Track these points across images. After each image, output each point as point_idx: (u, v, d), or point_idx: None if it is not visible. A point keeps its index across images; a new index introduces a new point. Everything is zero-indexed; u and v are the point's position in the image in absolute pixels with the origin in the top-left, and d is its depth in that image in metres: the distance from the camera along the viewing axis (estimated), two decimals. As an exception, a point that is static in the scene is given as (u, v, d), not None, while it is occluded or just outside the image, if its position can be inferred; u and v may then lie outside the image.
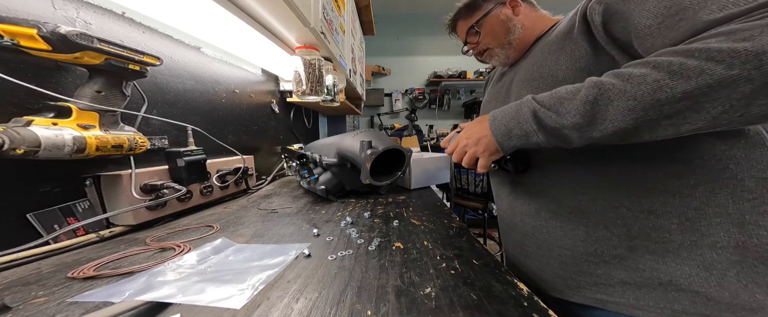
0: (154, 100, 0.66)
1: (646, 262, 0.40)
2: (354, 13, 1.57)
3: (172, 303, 0.32)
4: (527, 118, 0.40)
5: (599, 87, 0.35)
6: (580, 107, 0.36)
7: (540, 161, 0.51)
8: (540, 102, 0.40)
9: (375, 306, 0.31)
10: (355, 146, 0.79)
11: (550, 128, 0.39)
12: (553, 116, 0.38)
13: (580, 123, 0.36)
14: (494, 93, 0.66)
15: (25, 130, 0.39)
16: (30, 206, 0.46)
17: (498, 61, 0.63)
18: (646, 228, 0.40)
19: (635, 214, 0.41)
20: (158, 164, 0.65)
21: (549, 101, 0.39)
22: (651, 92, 0.31)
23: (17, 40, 0.38)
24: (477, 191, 2.14)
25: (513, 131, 0.42)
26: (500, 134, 0.44)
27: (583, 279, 0.46)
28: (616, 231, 0.42)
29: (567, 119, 0.37)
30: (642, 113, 0.32)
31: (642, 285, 0.41)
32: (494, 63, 0.64)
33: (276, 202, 0.81)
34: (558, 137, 0.39)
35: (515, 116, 0.42)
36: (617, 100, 0.33)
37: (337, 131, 2.17)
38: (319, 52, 0.91)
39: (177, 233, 0.55)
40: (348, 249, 0.46)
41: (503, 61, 0.63)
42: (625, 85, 0.33)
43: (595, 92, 0.35)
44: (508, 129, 0.43)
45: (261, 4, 0.65)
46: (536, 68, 0.51)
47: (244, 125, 1.04)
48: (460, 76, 3.33)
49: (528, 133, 0.41)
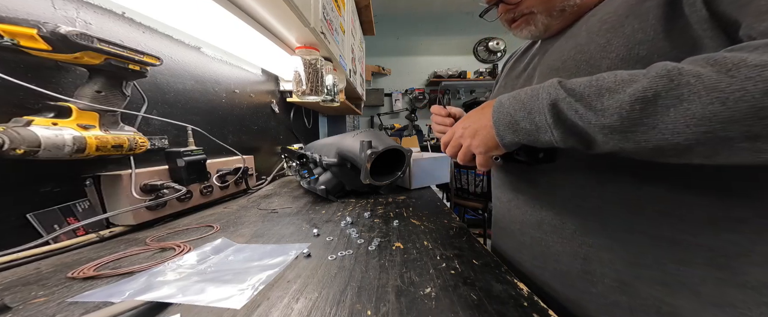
0: (154, 100, 0.66)
1: (652, 292, 0.35)
2: (354, 13, 1.57)
3: (172, 303, 0.32)
4: (542, 108, 0.31)
5: (672, 78, 0.24)
6: (626, 104, 0.26)
7: (547, 167, 0.42)
8: (569, 90, 0.30)
9: (375, 306, 0.31)
10: (355, 146, 0.79)
11: (571, 126, 0.30)
12: (581, 110, 0.29)
13: (615, 126, 0.27)
14: (511, 79, 0.54)
15: (25, 130, 0.39)
16: (30, 206, 0.46)
17: (529, 33, 0.49)
18: (663, 258, 0.34)
19: (653, 242, 0.34)
20: (158, 164, 0.65)
21: (583, 90, 0.29)
22: (762, 94, 0.21)
23: (17, 40, 0.38)
24: (477, 191, 2.14)
25: (520, 123, 0.34)
26: (503, 126, 0.35)
27: (575, 293, 0.41)
28: (622, 255, 0.36)
29: (600, 118, 0.28)
30: (723, 125, 0.22)
31: (638, 311, 0.36)
32: (523, 35, 0.50)
33: (276, 202, 0.81)
34: (579, 138, 0.31)
35: (528, 103, 0.33)
36: (692, 101, 0.23)
37: (337, 131, 2.17)
38: (319, 52, 0.91)
39: (177, 233, 0.55)
40: (348, 249, 0.46)
41: (537, 34, 0.48)
42: (723, 78, 0.22)
43: (662, 85, 0.25)
44: (513, 120, 0.34)
45: (261, 4, 0.65)
46: (574, 53, 0.39)
47: (244, 125, 1.04)
48: (460, 77, 3.33)
49: (539, 127, 0.32)
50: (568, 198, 0.41)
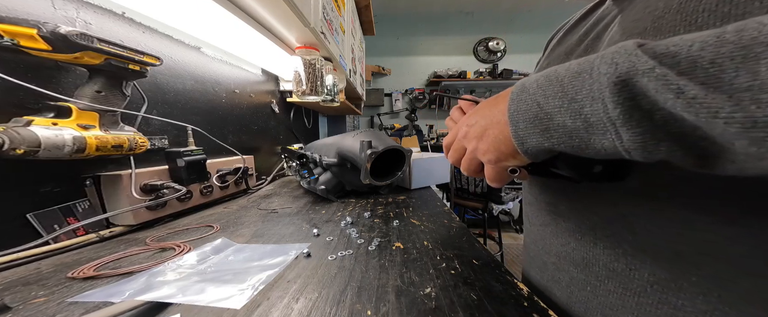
0: (154, 100, 0.66)
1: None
2: (354, 13, 1.57)
3: (172, 303, 0.32)
4: (600, 88, 0.18)
5: None
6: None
7: (609, 187, 0.28)
8: (661, 54, 0.16)
9: (375, 306, 0.31)
10: (355, 146, 0.79)
11: (665, 121, 0.16)
12: (693, 90, 0.15)
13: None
14: (558, 57, 0.38)
15: (25, 130, 0.39)
16: (30, 206, 0.46)
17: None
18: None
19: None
20: (158, 164, 0.65)
21: (694, 52, 0.15)
22: None
23: (17, 40, 0.38)
24: (477, 192, 2.14)
25: (554, 118, 0.21)
26: (524, 122, 0.23)
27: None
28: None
29: (744, 107, 0.14)
30: None
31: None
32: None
33: (276, 202, 0.81)
34: (681, 145, 0.17)
35: (570, 83, 0.20)
36: None
37: (337, 131, 2.17)
38: (319, 52, 0.91)
39: (177, 233, 0.55)
40: (348, 249, 0.46)
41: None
42: None
43: None
44: (544, 113, 0.21)
45: (261, 4, 0.65)
46: (678, 3, 0.22)
47: (244, 125, 1.04)
48: (460, 77, 3.33)
49: (591, 124, 0.19)
50: (647, 237, 0.26)
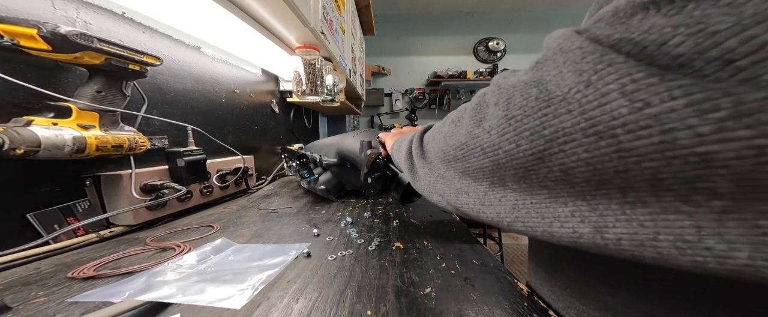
0: (154, 100, 0.66)
1: None
2: (354, 13, 1.57)
3: (172, 303, 0.32)
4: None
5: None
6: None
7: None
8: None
9: (375, 306, 0.31)
10: (355, 146, 0.79)
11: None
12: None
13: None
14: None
15: (25, 130, 0.39)
16: (30, 206, 0.46)
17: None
18: None
19: None
20: (158, 164, 0.65)
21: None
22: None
23: (17, 40, 0.38)
24: (477, 191, 2.13)
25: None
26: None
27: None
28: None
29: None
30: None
31: None
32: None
33: (276, 202, 0.81)
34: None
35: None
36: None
37: (337, 131, 2.17)
38: (319, 52, 0.91)
39: (177, 233, 0.55)
40: (348, 249, 0.46)
41: None
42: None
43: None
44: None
45: (261, 4, 0.65)
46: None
47: (244, 125, 1.04)
48: (460, 77, 3.32)
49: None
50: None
